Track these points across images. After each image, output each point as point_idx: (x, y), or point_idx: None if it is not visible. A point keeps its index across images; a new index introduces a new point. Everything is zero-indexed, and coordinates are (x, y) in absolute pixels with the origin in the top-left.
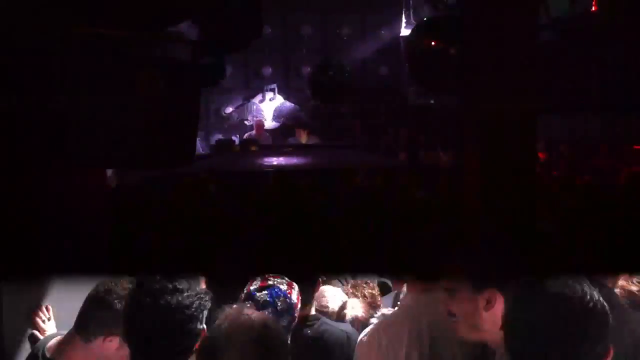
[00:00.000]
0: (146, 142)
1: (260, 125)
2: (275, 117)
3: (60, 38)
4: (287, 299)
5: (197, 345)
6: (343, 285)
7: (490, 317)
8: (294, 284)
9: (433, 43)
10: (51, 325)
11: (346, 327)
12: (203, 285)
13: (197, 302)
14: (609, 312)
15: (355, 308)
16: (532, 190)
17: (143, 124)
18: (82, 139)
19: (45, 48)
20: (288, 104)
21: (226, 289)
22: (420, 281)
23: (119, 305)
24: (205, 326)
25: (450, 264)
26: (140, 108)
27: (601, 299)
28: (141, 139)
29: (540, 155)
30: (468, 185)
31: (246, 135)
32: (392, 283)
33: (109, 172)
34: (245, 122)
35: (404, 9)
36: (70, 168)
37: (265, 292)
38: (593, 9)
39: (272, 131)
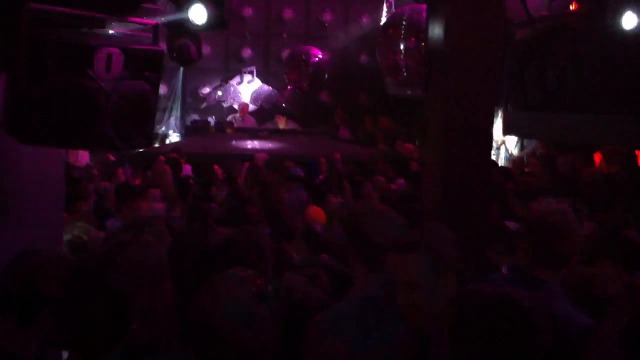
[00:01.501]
0: (101, 123)
1: (245, 108)
2: (253, 101)
3: (13, 13)
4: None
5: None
6: None
7: None
8: None
9: (402, 36)
10: None
11: None
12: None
13: (132, 279)
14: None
15: None
16: (488, 186)
17: (99, 105)
18: (37, 117)
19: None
20: (266, 87)
21: None
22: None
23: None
24: None
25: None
26: (97, 88)
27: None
28: (96, 119)
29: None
30: (428, 178)
31: (230, 117)
32: None
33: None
34: (223, 103)
35: None
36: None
37: None
38: (573, 7)
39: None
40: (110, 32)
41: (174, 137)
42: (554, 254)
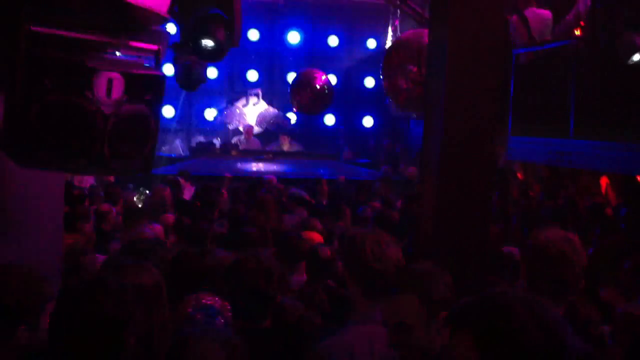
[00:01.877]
0: (98, 144)
1: (250, 131)
2: (259, 123)
3: (12, 30)
4: (222, 317)
5: None
6: None
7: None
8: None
9: (403, 60)
10: None
11: None
12: None
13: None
14: None
15: None
16: (487, 208)
17: (97, 127)
18: (34, 137)
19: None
20: (272, 109)
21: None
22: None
23: None
24: None
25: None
26: (95, 110)
27: None
28: (94, 141)
29: (519, 175)
30: (424, 202)
31: (235, 139)
32: None
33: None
34: (228, 125)
35: (390, 22)
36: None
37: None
38: (578, 33)
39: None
40: (112, 56)
41: (179, 159)
42: (557, 281)
